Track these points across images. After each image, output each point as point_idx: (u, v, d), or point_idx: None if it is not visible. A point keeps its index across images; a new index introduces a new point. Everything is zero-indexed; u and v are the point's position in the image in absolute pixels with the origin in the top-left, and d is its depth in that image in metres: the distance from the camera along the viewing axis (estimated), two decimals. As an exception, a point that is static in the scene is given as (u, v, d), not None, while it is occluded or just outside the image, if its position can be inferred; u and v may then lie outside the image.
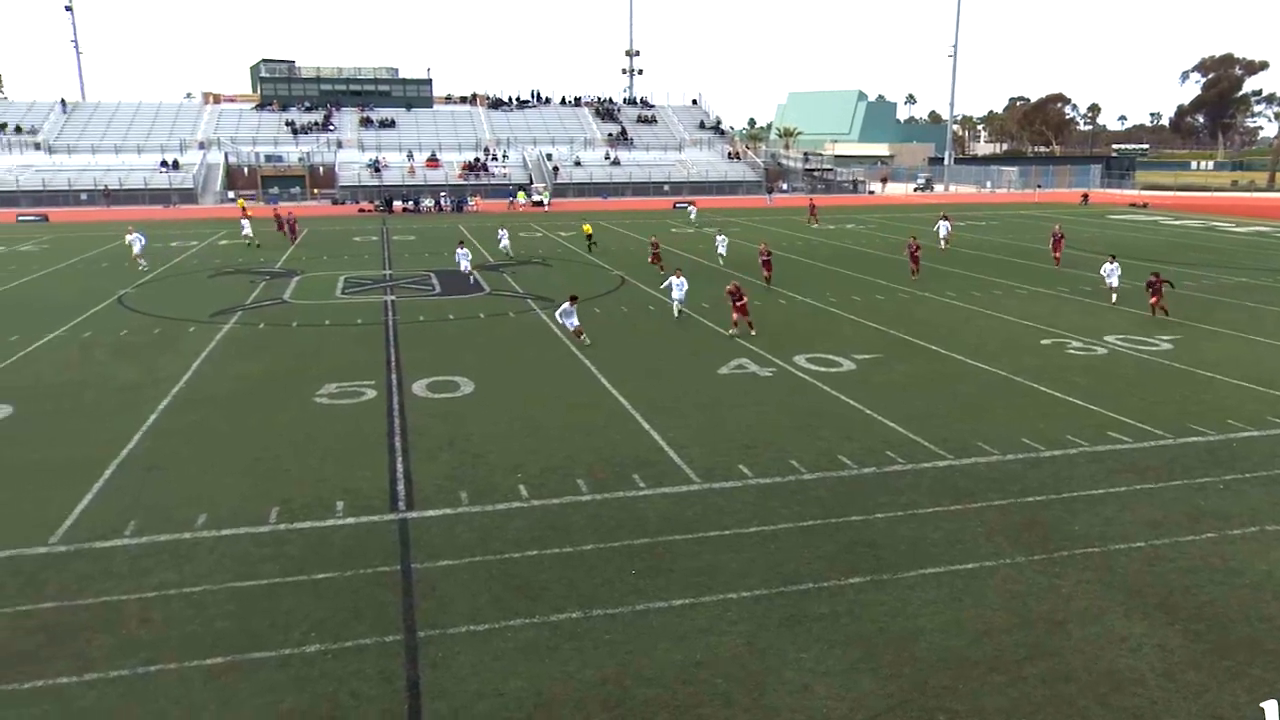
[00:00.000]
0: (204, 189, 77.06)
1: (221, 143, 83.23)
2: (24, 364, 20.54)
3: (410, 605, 9.78)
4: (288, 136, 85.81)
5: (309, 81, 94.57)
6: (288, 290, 30.90)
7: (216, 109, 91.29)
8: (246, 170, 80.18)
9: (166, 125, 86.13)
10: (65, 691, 8.29)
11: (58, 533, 11.53)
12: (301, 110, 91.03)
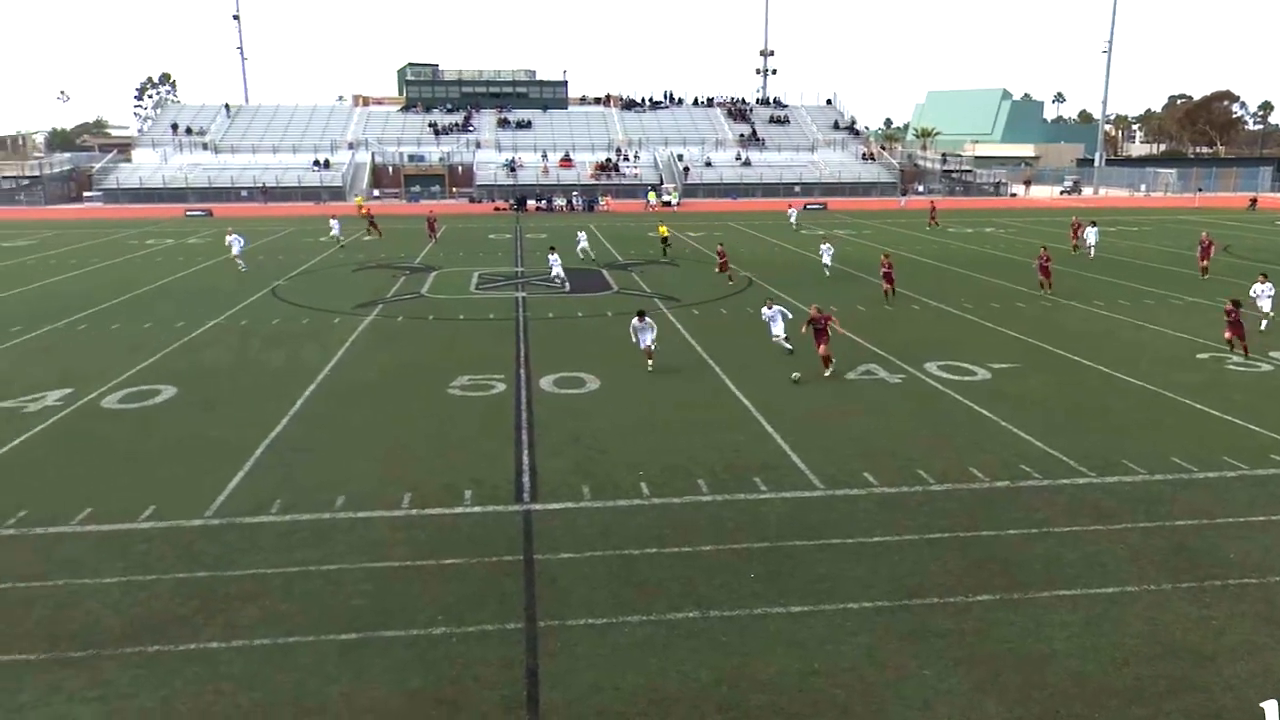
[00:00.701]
0: (351, 187, 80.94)
1: (369, 143, 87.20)
2: (188, 349, 22.09)
3: (531, 595, 10.01)
4: (430, 137, 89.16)
5: (451, 84, 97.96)
6: (425, 285, 32.11)
7: (365, 111, 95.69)
8: (391, 169, 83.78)
9: (320, 127, 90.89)
10: (214, 656, 8.88)
11: (212, 506, 12.36)
12: (443, 112, 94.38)
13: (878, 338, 22.56)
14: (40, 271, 35.75)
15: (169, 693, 8.29)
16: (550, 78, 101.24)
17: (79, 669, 8.64)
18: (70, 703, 8.14)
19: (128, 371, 19.66)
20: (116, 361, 20.56)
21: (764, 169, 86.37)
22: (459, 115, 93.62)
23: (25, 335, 23.55)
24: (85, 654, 8.88)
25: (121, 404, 17.34)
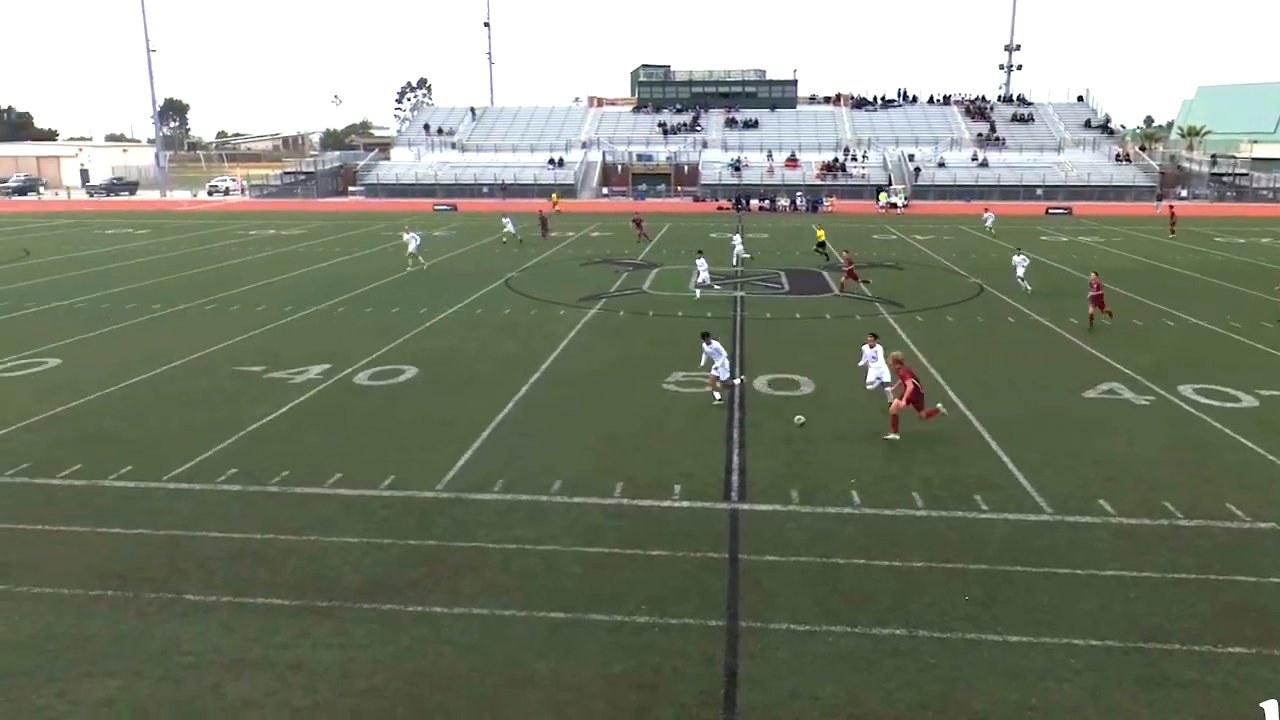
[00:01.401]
0: (582, 184, 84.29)
1: (600, 142, 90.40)
2: (429, 333, 23.87)
3: (735, 594, 10.03)
4: (658, 137, 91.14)
5: (682, 85, 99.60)
6: (647, 281, 32.89)
7: (599, 112, 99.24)
8: (620, 168, 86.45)
9: (556, 127, 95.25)
10: (438, 620, 9.55)
11: (443, 480, 13.29)
12: (673, 112, 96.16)
13: (1123, 355, 20.74)
14: (309, 258, 39.82)
15: (397, 649, 9.01)
16: (780, 77, 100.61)
17: (323, 618, 9.57)
18: (315, 648, 9.03)
19: (377, 351, 21.52)
20: (368, 342, 22.55)
21: (1002, 170, 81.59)
22: (688, 115, 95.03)
23: (295, 315, 26.33)
24: (329, 605, 9.82)
25: (370, 381, 19.00)
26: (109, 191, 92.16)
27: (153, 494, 12.91)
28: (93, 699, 8.25)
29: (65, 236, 50.05)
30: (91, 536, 11.54)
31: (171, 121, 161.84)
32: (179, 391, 18.16)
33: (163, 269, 36.26)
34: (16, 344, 22.30)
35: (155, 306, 27.64)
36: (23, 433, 15.53)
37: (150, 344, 22.43)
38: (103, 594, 10.10)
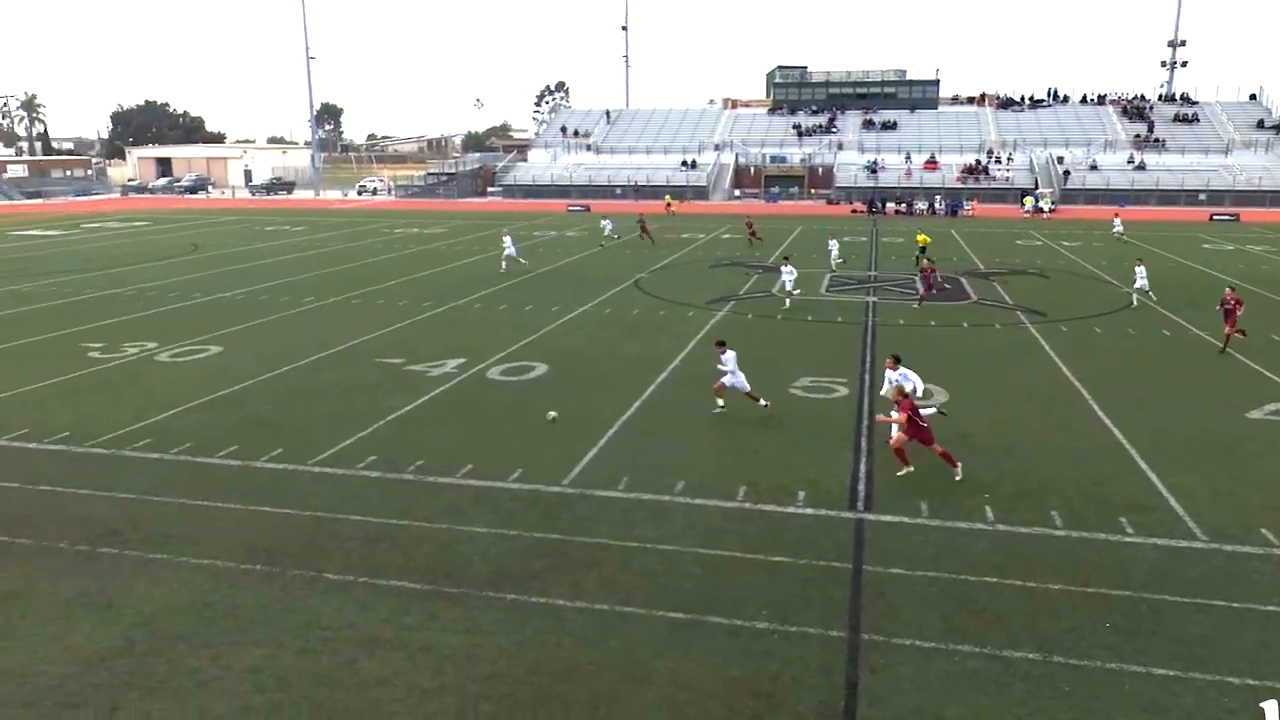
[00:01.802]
0: (714, 187, 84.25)
1: (733, 144, 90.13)
2: (559, 331, 24.37)
3: (857, 605, 9.82)
4: (793, 138, 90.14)
5: (818, 86, 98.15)
6: (777, 284, 32.60)
7: (733, 113, 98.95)
8: (752, 170, 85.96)
9: (689, 129, 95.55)
10: (560, 611, 9.75)
11: (569, 476, 13.55)
12: (808, 113, 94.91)
13: None
14: (448, 256, 41.31)
15: (521, 638, 9.24)
16: (921, 77, 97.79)
17: (452, 604, 9.92)
18: (443, 631, 9.37)
19: (510, 348, 22.13)
20: (501, 338, 23.22)
21: (1161, 173, 76.74)
22: (823, 117, 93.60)
23: (434, 310, 27.37)
24: (458, 591, 10.17)
25: (502, 376, 19.55)
26: (268, 191, 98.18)
27: (300, 476, 13.68)
28: (241, 665, 8.82)
29: (229, 232, 53.61)
30: (244, 513, 12.33)
31: (327, 125, 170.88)
32: (325, 380, 19.17)
33: (314, 264, 38.35)
34: (184, 331, 24.05)
35: (307, 299, 29.26)
36: (187, 414, 16.73)
37: (301, 334, 23.77)
38: (252, 568, 10.77)
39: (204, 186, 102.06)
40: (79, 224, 60.60)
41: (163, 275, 35.18)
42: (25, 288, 32.32)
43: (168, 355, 21.51)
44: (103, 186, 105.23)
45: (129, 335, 23.70)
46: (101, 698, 8.33)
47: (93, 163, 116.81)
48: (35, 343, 23.07)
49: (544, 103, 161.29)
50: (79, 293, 31.05)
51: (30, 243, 49.04)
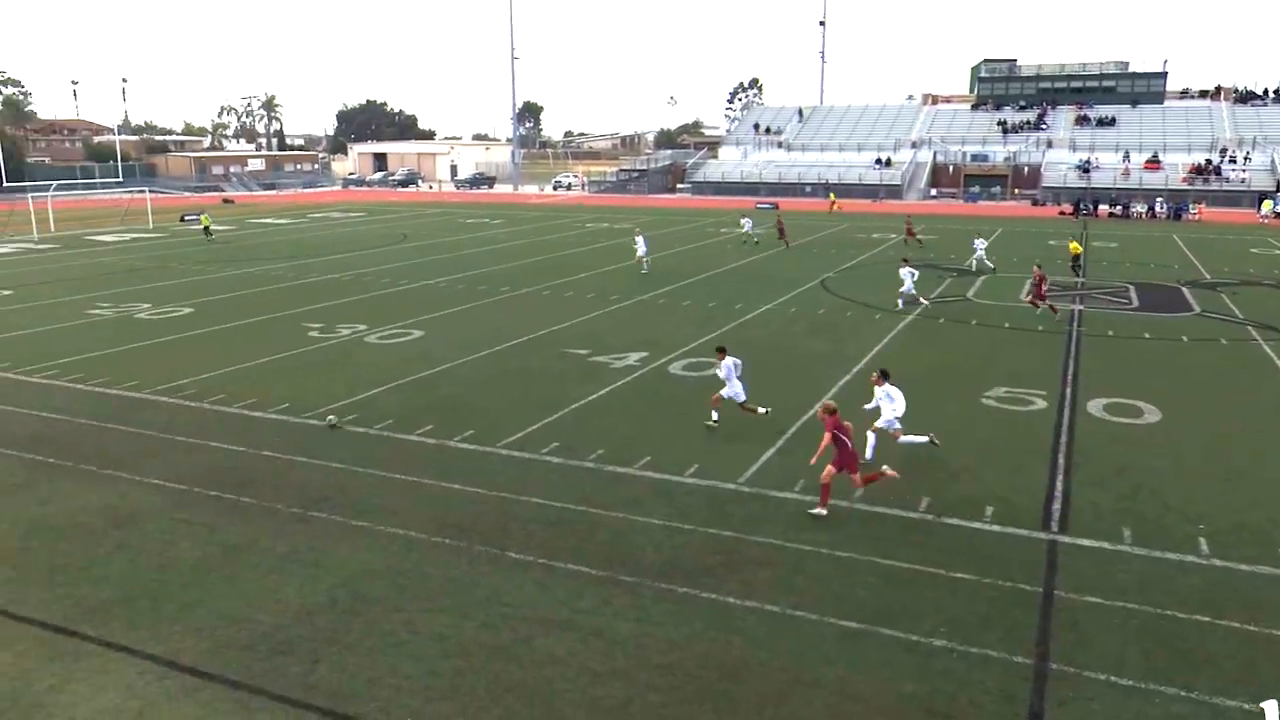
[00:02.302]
0: (909, 185, 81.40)
1: (932, 142, 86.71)
2: (743, 328, 24.30)
3: (1046, 632, 9.24)
4: (996, 135, 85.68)
5: (1027, 80, 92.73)
6: (972, 289, 31.11)
7: (933, 110, 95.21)
8: (951, 169, 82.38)
9: (886, 126, 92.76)
10: (729, 609, 9.74)
11: (745, 474, 13.50)
12: (1015, 109, 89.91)
13: None
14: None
15: (690, 632, 9.31)
16: (1146, 69, 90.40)
17: (624, 591, 10.12)
18: (614, 618, 9.58)
19: (693, 342, 22.29)
20: (684, 333, 23.43)
21: None
22: (1032, 113, 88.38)
23: (620, 303, 27.98)
24: (631, 580, 10.37)
25: (684, 370, 19.73)
26: (471, 185, 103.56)
27: (489, 458, 14.37)
28: (429, 631, 9.37)
29: (435, 224, 56.94)
30: (437, 489, 13.09)
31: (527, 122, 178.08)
32: (515, 367, 20.02)
33: (510, 256, 40.11)
34: (391, 316, 25.79)
35: (502, 289, 30.65)
36: (390, 393, 17.93)
37: (495, 322, 24.93)
38: (442, 541, 11.42)
39: (414, 180, 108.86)
40: (306, 214, 66.15)
41: (375, 263, 37.84)
42: (257, 271, 35.66)
43: (376, 337, 23.13)
44: (327, 179, 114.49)
45: (343, 317, 25.66)
46: (306, 649, 9.08)
47: (319, 158, 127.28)
48: (264, 321, 25.41)
49: (736, 100, 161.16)
50: (303, 277, 33.92)
51: (264, 230, 54.01)
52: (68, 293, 30.66)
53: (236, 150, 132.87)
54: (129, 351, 21.81)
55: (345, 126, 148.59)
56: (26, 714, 8.09)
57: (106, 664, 8.86)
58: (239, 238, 49.31)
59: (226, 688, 8.46)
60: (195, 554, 11.14)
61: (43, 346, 22.29)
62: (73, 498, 12.86)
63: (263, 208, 73.43)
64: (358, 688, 8.44)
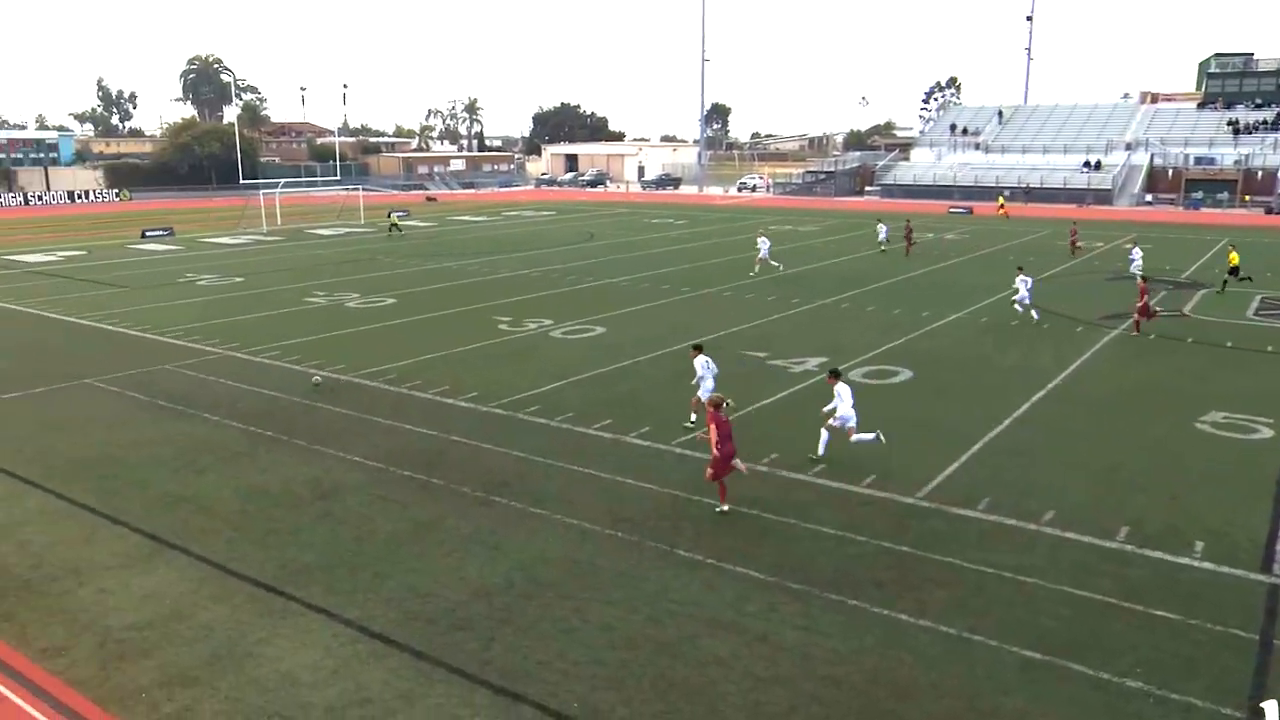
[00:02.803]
0: (1120, 191, 75.69)
1: (1149, 143, 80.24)
2: (928, 337, 23.41)
3: (1262, 684, 8.37)
4: (1225, 137, 78.19)
5: (1265, 75, 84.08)
6: (1189, 304, 28.58)
7: (1151, 109, 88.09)
8: (1170, 172, 75.90)
9: (1096, 126, 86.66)
10: (902, 626, 9.42)
11: (925, 489, 13.01)
12: (1249, 108, 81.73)
13: None
14: (820, 253, 41.38)
15: (859, 646, 9.08)
16: None
17: (792, 598, 9.99)
18: (781, 624, 9.48)
19: (874, 350, 21.69)
20: (866, 340, 22.83)
21: None
22: (1269, 112, 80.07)
23: (801, 307, 27.61)
24: (799, 587, 10.22)
25: (864, 379, 19.21)
26: (657, 186, 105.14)
27: (663, 455, 14.55)
28: (597, 620, 9.61)
29: (620, 223, 58.22)
30: (611, 483, 13.39)
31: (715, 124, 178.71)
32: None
33: (692, 256, 40.42)
34: (575, 311, 26.59)
35: (684, 289, 30.94)
36: (571, 387, 18.50)
37: (674, 322, 25.20)
38: (614, 534, 11.67)
39: (603, 181, 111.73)
40: (500, 212, 69.29)
41: (562, 260, 39.14)
42: (454, 265, 37.68)
43: (560, 332, 23.92)
44: (521, 179, 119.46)
45: (531, 312, 26.70)
46: (483, 627, 9.53)
47: (514, 158, 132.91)
48: (457, 313, 26.83)
49: (932, 100, 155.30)
50: (495, 272, 35.56)
51: (461, 227, 57.01)
52: (289, 281, 33.54)
53: (440, 151, 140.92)
54: (338, 337, 23.61)
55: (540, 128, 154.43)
56: (240, 662, 8.92)
57: (308, 624, 9.63)
58: (440, 234, 52.27)
59: (410, 657, 9.01)
60: (388, 528, 11.92)
61: (266, 329, 24.49)
62: (285, 468, 14.07)
63: (461, 206, 77.49)
64: (528, 668, 8.77)
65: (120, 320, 25.97)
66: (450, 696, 8.37)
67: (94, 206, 76.72)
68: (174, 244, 47.34)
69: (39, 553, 11.28)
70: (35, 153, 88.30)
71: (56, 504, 12.83)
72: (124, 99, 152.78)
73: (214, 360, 21.15)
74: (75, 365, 20.62)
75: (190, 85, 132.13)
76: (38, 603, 10.08)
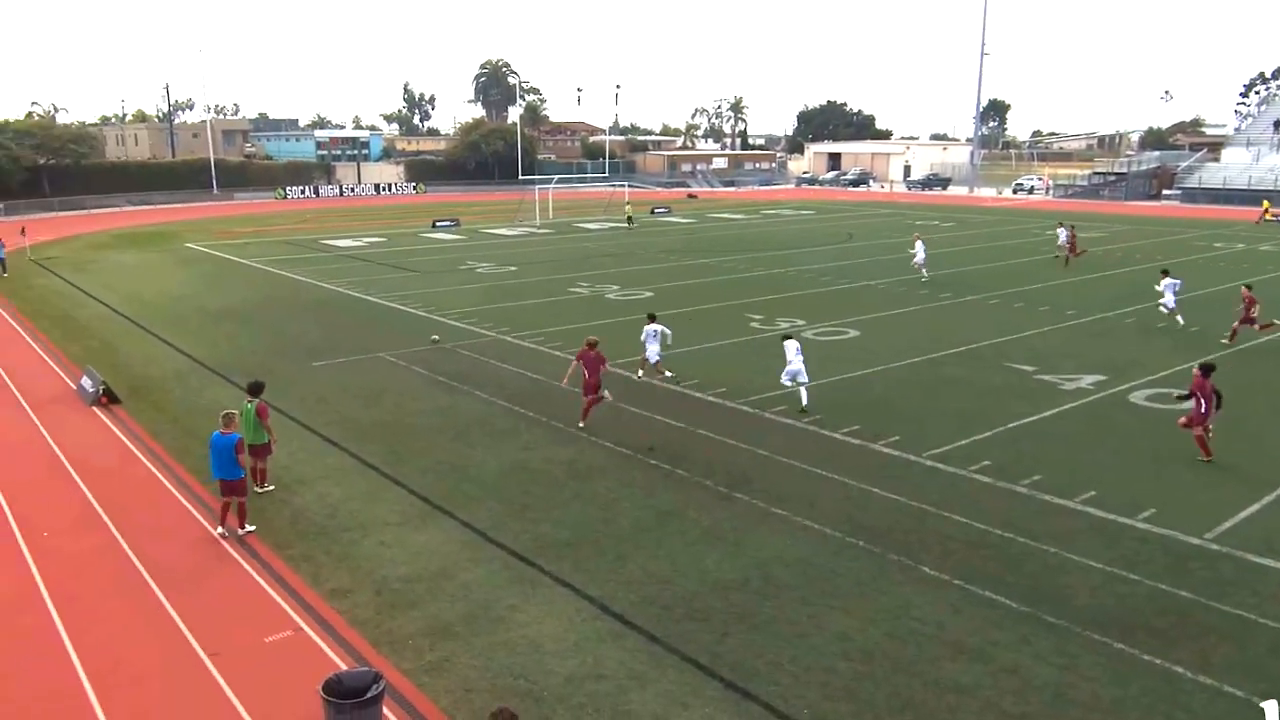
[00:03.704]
0: None
1: None
2: (1233, 359, 20.71)
3: None
4: None
5: None
6: None
7: None
8: None
9: None
10: (1177, 680, 8.48)
11: (1216, 529, 11.60)
12: None
13: None
14: (1102, 262, 37.87)
15: (1123, 695, 8.27)
16: None
17: (1048, 632, 9.27)
18: (1034, 659, 8.82)
19: (1164, 370, 19.56)
20: (1155, 359, 20.64)
21: None
22: None
23: (1077, 320, 25.44)
24: (1057, 622, 9.46)
25: (1148, 402, 17.41)
26: (924, 186, 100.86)
27: (912, 467, 13.99)
28: (832, 628, 9.43)
29: (881, 224, 56.47)
30: (856, 490, 13.06)
31: (991, 121, 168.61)
32: (950, 376, 19.19)
33: (956, 260, 38.43)
34: (828, 313, 26.14)
35: (944, 295, 29.51)
36: (819, 389, 18.17)
37: (933, 328, 24.10)
38: (855, 543, 11.38)
39: (866, 180, 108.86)
40: (759, 210, 69.45)
41: (818, 260, 38.59)
42: (711, 262, 38.25)
43: (812, 332, 23.62)
44: (782, 178, 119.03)
45: (783, 311, 26.56)
46: (718, 620, 9.64)
47: (776, 157, 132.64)
48: (712, 309, 27.21)
49: (1252, 93, 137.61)
50: (750, 270, 35.72)
51: (720, 225, 57.73)
52: (556, 272, 35.54)
53: (703, 149, 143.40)
54: (597, 327, 24.69)
55: (804, 126, 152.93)
56: (493, 624, 9.62)
57: (554, 596, 10.20)
58: (698, 230, 53.25)
59: (645, 639, 9.29)
60: (633, 514, 12.35)
61: (534, 316, 26.12)
62: (545, 448, 14.95)
63: (721, 203, 78.45)
64: (760, 668, 8.77)
65: (410, 301, 28.70)
66: (681, 684, 8.55)
67: (395, 198, 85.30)
68: (459, 234, 51.62)
69: (334, 504, 12.75)
70: (350, 150, 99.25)
71: (349, 462, 14.43)
72: (424, 101, 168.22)
73: (487, 342, 22.87)
74: (371, 340, 23.06)
75: (481, 88, 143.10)
76: (331, 548, 11.40)
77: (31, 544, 11.60)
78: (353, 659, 8.91)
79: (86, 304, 29.20)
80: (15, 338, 24.44)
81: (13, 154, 66.91)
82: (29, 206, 64.24)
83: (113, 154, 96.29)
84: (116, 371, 19.66)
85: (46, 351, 22.60)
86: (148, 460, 14.60)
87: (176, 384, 19.16)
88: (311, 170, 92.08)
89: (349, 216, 63.81)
